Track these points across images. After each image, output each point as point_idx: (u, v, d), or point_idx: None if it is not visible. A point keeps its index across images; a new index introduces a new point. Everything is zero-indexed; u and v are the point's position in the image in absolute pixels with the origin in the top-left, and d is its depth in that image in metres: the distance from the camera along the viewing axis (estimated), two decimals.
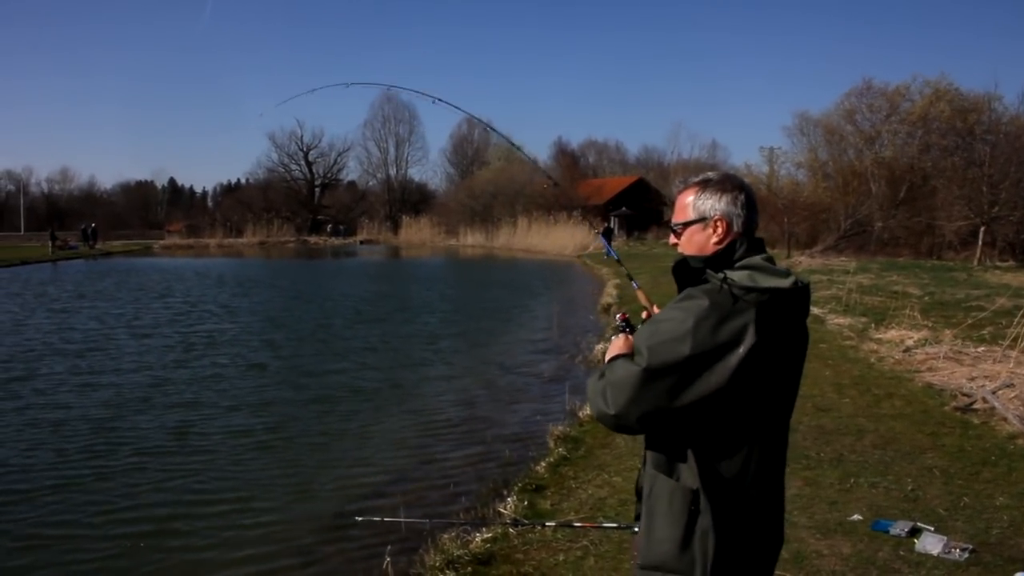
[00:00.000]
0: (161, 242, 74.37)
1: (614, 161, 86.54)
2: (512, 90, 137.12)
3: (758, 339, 2.18)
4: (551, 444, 8.08)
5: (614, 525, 5.25)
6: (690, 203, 2.45)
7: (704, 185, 2.45)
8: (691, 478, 2.29)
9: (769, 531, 2.42)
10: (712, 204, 2.40)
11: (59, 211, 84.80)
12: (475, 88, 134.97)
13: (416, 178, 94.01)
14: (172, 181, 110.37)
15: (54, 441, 8.96)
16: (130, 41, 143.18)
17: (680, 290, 2.40)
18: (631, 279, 3.31)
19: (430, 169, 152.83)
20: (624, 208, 65.44)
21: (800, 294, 2.29)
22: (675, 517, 2.30)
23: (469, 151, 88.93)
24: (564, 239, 53.44)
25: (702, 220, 2.41)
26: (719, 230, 2.38)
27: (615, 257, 3.52)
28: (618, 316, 2.71)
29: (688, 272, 2.41)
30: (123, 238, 74.75)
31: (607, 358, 2.45)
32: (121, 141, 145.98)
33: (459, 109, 4.79)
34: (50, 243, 54.71)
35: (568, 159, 77.62)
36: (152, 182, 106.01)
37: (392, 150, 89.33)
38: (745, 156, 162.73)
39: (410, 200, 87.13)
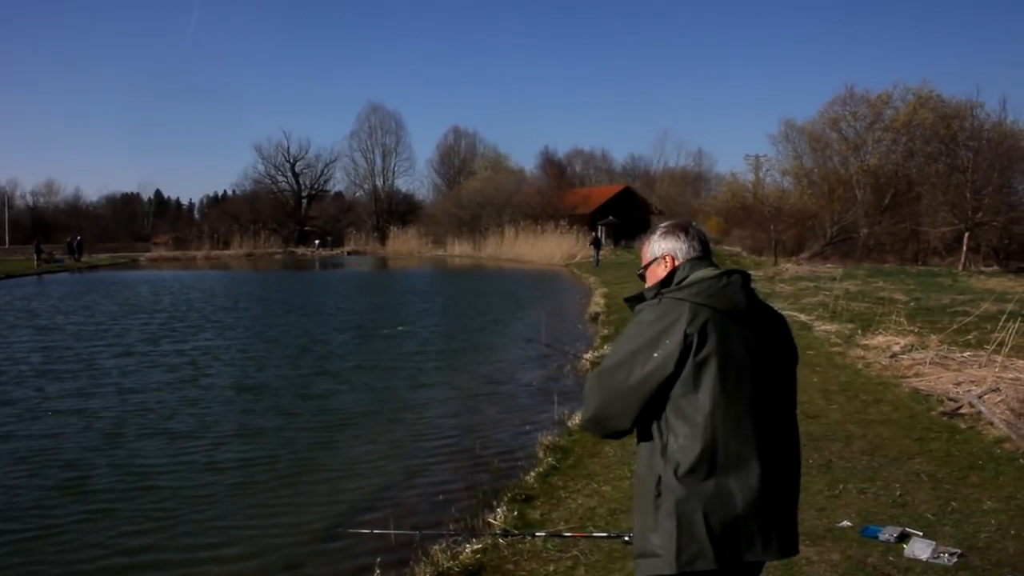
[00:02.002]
0: (148, 255, 74.07)
1: (600, 170, 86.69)
2: (499, 99, 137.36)
3: (689, 325, 2.54)
4: (540, 454, 8.08)
5: (604, 535, 5.24)
6: (646, 250, 2.97)
7: (654, 233, 2.97)
8: (658, 466, 2.58)
9: (746, 519, 2.54)
10: (660, 245, 2.90)
11: (44, 224, 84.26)
12: (462, 97, 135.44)
13: (403, 188, 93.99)
14: (158, 193, 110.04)
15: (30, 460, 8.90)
16: (116, 53, 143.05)
17: (632, 309, 2.85)
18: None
19: (417, 179, 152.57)
20: (611, 217, 65.55)
21: (731, 279, 2.68)
22: (646, 504, 2.61)
23: (456, 161, 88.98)
24: (551, 248, 53.49)
25: (655, 259, 2.91)
26: (667, 263, 2.86)
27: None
28: None
29: (639, 299, 2.83)
30: (109, 251, 74.34)
31: None
32: (107, 153, 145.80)
33: None
34: (35, 256, 54.32)
35: (555, 168, 77.69)
36: (138, 194, 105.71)
37: (379, 161, 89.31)
38: (731, 164, 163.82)
39: (397, 211, 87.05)
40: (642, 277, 2.97)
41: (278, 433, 9.92)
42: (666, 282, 2.78)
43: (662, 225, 2.99)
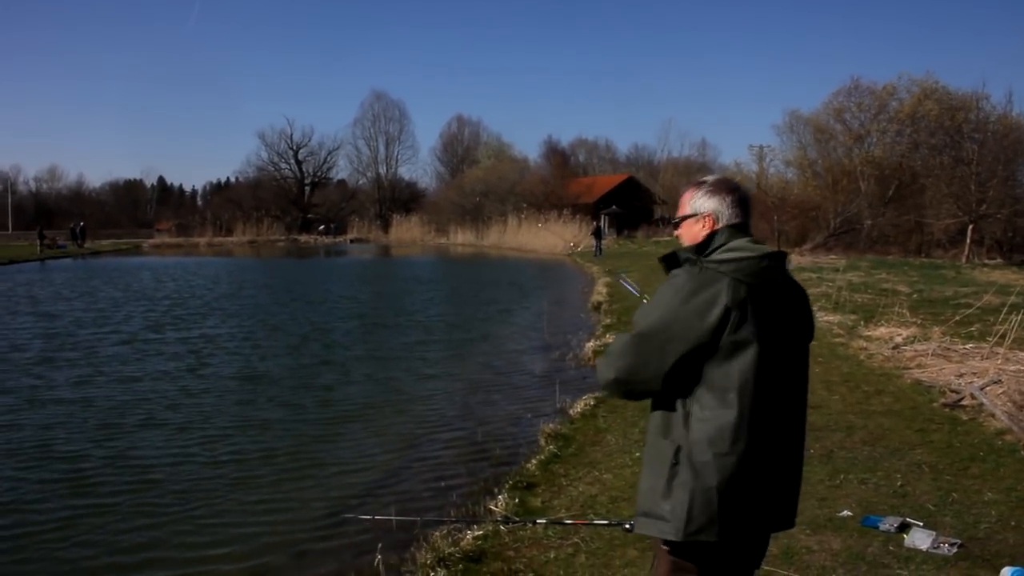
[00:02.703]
0: (151, 241, 74.06)
1: (604, 160, 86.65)
2: (502, 88, 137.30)
3: (731, 301, 2.54)
4: (542, 442, 8.08)
5: (605, 522, 5.26)
6: (687, 200, 2.88)
7: (700, 186, 2.88)
8: (679, 436, 2.62)
9: (760, 498, 2.64)
10: (703, 202, 2.82)
11: (48, 210, 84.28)
12: (465, 86, 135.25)
13: (406, 176, 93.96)
14: (161, 180, 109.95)
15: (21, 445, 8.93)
16: (119, 40, 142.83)
17: (666, 271, 2.80)
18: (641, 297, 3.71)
19: (420, 168, 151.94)
20: (614, 207, 65.50)
21: (771, 261, 2.67)
22: (659, 469, 2.65)
23: (459, 150, 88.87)
24: (554, 237, 53.46)
25: (695, 215, 2.83)
26: (706, 224, 2.80)
27: (635, 292, 3.98)
28: None
29: (674, 259, 2.78)
30: (112, 237, 74.39)
31: None
32: (110, 140, 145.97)
33: None
34: (38, 242, 54.41)
35: (558, 158, 77.61)
36: (141, 181, 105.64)
37: (382, 148, 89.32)
38: (735, 154, 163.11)
39: (400, 199, 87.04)
40: (676, 226, 2.92)
41: (280, 421, 9.92)
42: (702, 246, 2.77)
43: (709, 179, 2.93)
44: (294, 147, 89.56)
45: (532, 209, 61.42)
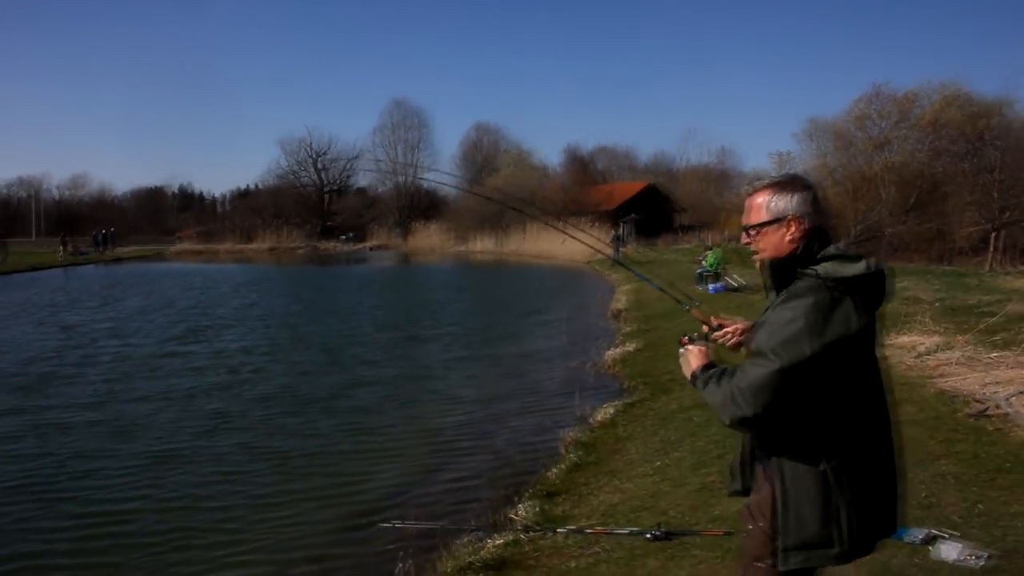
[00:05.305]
0: (173, 248, 74.46)
1: (624, 167, 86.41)
2: (522, 96, 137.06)
3: (859, 322, 2.47)
4: (563, 450, 8.07)
5: (626, 531, 5.25)
6: (763, 204, 2.65)
7: (777, 187, 2.65)
8: (821, 460, 2.53)
9: (888, 500, 2.68)
10: (786, 204, 2.60)
11: (72, 217, 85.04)
12: (485, 93, 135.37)
13: (426, 184, 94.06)
14: (183, 187, 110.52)
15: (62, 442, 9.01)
16: (134, 48, 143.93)
17: (777, 288, 2.64)
18: (680, 303, 3.53)
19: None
20: (634, 214, 65.32)
21: (876, 277, 2.54)
22: (813, 497, 2.54)
23: (479, 158, 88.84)
24: (575, 245, 53.14)
25: (777, 220, 2.61)
26: (793, 229, 2.59)
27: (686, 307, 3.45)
28: (683, 339, 2.89)
29: (782, 271, 2.61)
30: (136, 243, 74.93)
31: (688, 371, 2.74)
32: (133, 148, 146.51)
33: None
34: (61, 249, 54.89)
35: (579, 164, 77.51)
36: (163, 188, 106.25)
37: (402, 156, 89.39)
38: (755, 162, 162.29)
39: (420, 206, 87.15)
40: (748, 235, 2.70)
41: (302, 427, 9.98)
42: (807, 255, 2.57)
43: (777, 176, 2.73)
44: (314, 155, 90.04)
45: (552, 217, 61.26)
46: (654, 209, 65.76)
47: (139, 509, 7.16)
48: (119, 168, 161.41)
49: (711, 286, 21.51)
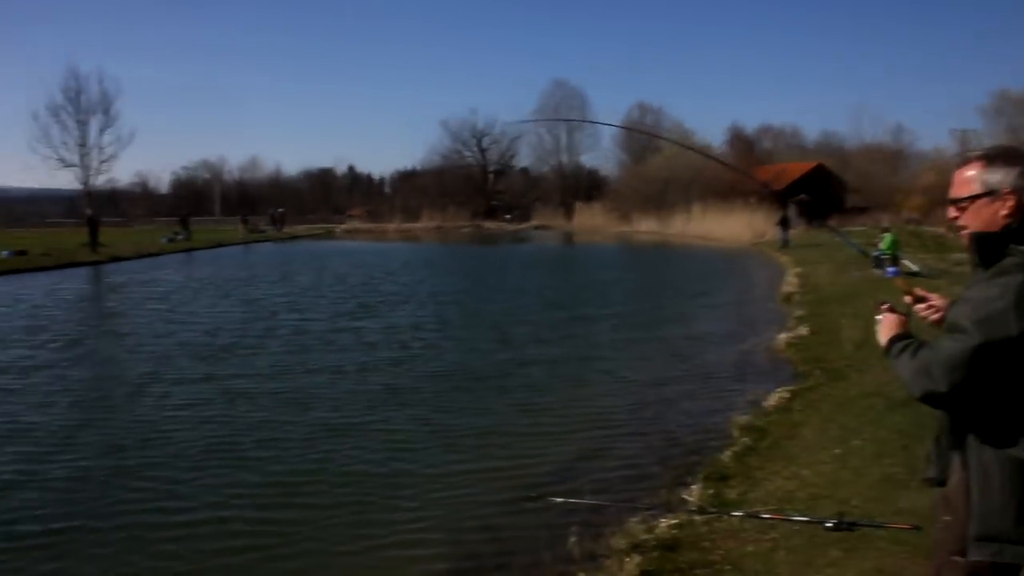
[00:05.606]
0: (343, 226, 77.32)
1: (791, 147, 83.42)
2: (683, 73, 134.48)
3: None
4: (735, 433, 7.92)
5: (804, 519, 5.10)
6: (974, 176, 2.45)
7: (990, 158, 2.45)
8: (1018, 446, 2.35)
9: None
10: (1001, 177, 2.40)
11: (249, 197, 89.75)
12: (645, 72, 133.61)
13: (588, 164, 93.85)
14: (352, 168, 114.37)
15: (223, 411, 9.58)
16: (310, 35, 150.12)
17: (984, 264, 2.44)
18: (882, 268, 3.36)
19: (602, 155, 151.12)
20: (802, 195, 63.03)
21: None
22: (1011, 487, 2.36)
23: (641, 138, 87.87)
24: (740, 226, 51.94)
25: (990, 194, 2.41)
26: (1009, 203, 2.39)
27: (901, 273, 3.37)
28: (882, 306, 2.75)
29: (991, 248, 2.42)
30: (307, 222, 78.35)
31: (884, 338, 2.61)
32: (304, 131, 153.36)
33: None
34: (242, 227, 58.41)
35: (743, 144, 75.44)
36: (333, 169, 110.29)
37: (564, 136, 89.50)
38: (935, 140, 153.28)
39: (582, 186, 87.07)
40: (957, 207, 2.52)
41: (472, 403, 10.22)
42: (1018, 233, 2.38)
43: (991, 147, 2.54)
44: (477, 135, 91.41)
45: (717, 197, 59.93)
46: (824, 191, 63.18)
47: (316, 480, 7.49)
48: (289, 150, 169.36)
49: (889, 269, 20.57)
